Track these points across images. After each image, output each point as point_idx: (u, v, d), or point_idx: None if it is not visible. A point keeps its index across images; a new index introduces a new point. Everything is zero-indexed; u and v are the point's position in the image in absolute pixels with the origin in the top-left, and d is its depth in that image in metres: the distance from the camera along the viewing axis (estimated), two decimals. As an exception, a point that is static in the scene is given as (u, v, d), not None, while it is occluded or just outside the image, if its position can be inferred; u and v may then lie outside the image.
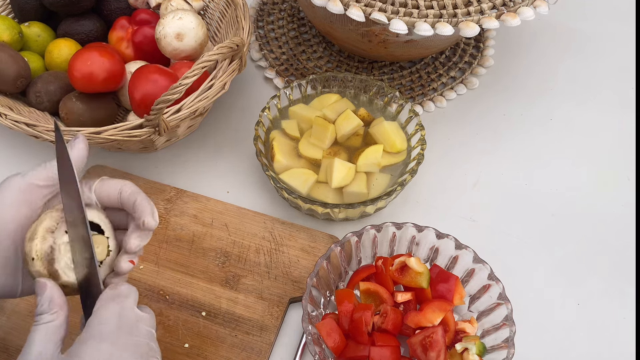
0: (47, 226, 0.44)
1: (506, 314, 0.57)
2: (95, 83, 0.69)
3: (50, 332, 0.41)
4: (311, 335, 0.56)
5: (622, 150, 0.78)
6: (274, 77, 0.85)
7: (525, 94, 0.84)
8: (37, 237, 0.43)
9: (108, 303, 0.43)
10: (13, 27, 0.75)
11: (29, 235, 0.44)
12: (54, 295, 0.42)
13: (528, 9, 0.66)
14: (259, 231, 0.68)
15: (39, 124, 0.63)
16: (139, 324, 0.43)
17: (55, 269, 0.43)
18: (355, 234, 0.61)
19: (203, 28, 0.74)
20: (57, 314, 0.42)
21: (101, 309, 0.43)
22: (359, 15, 0.64)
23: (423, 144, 0.68)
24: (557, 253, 0.69)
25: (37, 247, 0.43)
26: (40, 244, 0.43)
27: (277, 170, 0.69)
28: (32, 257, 0.43)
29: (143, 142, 0.68)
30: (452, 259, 0.62)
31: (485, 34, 0.90)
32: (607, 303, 0.65)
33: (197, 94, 0.65)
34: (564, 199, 0.73)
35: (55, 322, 0.42)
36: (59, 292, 0.43)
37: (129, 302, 0.44)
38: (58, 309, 0.42)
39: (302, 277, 0.64)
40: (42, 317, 0.42)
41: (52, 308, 0.42)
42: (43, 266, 0.43)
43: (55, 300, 0.42)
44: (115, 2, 0.80)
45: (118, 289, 0.44)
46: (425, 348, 0.55)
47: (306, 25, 0.91)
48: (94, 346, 0.41)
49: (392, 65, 0.86)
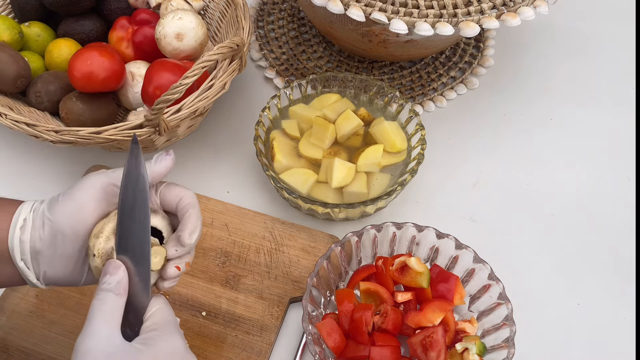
0: (113, 227, 0.45)
1: (506, 314, 0.57)
2: (95, 83, 0.69)
3: (115, 313, 0.42)
4: (311, 335, 0.56)
5: (622, 150, 0.78)
6: (274, 77, 0.85)
7: (525, 94, 0.84)
8: (102, 236, 0.44)
9: (165, 306, 0.45)
10: (13, 27, 0.75)
11: (95, 232, 0.45)
12: (123, 280, 0.43)
13: (528, 8, 0.66)
14: (259, 231, 0.68)
15: (39, 124, 0.63)
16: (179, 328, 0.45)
17: None
18: (356, 233, 0.61)
19: (203, 28, 0.74)
20: (121, 297, 0.42)
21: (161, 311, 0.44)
22: (359, 15, 0.64)
23: (423, 144, 0.68)
24: (557, 253, 0.69)
25: (100, 245, 0.44)
26: (103, 243, 0.44)
27: (277, 170, 0.69)
28: (93, 253, 0.44)
29: (143, 142, 0.68)
30: (452, 259, 0.62)
31: (486, 33, 0.90)
32: (607, 303, 0.65)
33: (197, 94, 0.65)
34: (564, 199, 0.73)
35: (119, 303, 0.42)
36: (127, 278, 0.43)
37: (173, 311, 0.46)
38: (123, 293, 0.43)
39: (302, 277, 0.64)
40: (108, 296, 0.42)
41: (119, 289, 0.42)
42: (102, 264, 0.44)
43: (122, 284, 0.43)
44: (115, 2, 0.80)
45: (164, 298, 0.46)
46: (425, 348, 0.55)
47: (306, 25, 0.91)
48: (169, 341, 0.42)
49: (392, 65, 0.86)
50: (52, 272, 0.45)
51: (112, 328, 0.41)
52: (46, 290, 0.63)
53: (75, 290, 0.63)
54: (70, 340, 0.60)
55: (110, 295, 0.42)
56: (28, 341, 0.60)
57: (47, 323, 0.61)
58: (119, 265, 0.43)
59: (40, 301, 0.62)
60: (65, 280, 0.46)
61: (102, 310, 0.41)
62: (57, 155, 0.77)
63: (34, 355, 0.59)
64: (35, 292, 0.63)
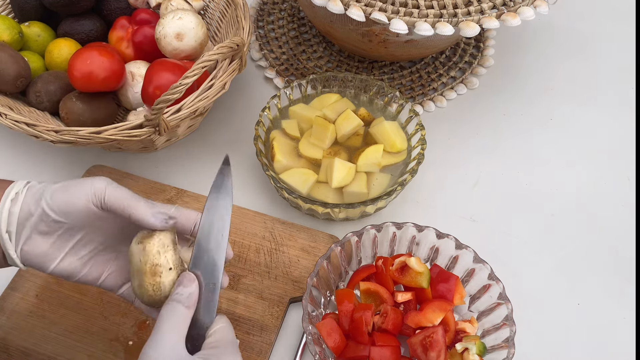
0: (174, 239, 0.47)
1: (506, 314, 0.57)
2: (95, 82, 0.69)
3: (182, 325, 0.43)
4: (311, 335, 0.56)
5: (622, 150, 0.78)
6: (274, 77, 0.85)
7: (525, 94, 0.84)
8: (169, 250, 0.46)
9: (228, 326, 0.46)
10: (13, 27, 0.75)
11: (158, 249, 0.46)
12: (194, 293, 0.44)
13: (528, 8, 0.66)
14: (259, 231, 0.68)
15: (39, 124, 0.63)
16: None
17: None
18: (356, 233, 0.61)
19: (203, 28, 0.74)
20: (190, 310, 0.44)
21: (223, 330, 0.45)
22: (359, 15, 0.64)
23: (423, 144, 0.68)
24: (557, 253, 0.69)
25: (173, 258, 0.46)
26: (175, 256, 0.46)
27: (277, 170, 0.69)
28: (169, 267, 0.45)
29: (143, 142, 0.68)
30: (452, 259, 0.62)
31: (486, 33, 0.90)
32: (607, 303, 0.65)
33: (197, 93, 0.65)
34: (564, 199, 0.73)
35: (187, 316, 0.43)
36: (198, 293, 0.45)
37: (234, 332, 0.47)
38: (192, 305, 0.44)
39: (302, 277, 0.64)
40: (178, 307, 0.43)
41: (189, 302, 0.44)
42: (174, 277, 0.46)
43: (193, 297, 0.44)
44: (115, 2, 0.80)
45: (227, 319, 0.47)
46: (425, 348, 0.55)
47: (306, 25, 0.91)
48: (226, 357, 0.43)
49: (392, 65, 0.86)
50: (27, 248, 0.46)
51: (178, 339, 0.42)
52: (46, 290, 0.63)
53: (75, 291, 0.63)
54: (70, 340, 0.60)
55: (180, 307, 0.43)
56: (28, 341, 0.60)
57: (47, 323, 0.61)
58: (193, 278, 0.45)
59: (40, 301, 0.62)
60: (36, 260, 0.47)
61: (170, 320, 0.43)
62: (57, 155, 0.77)
63: (34, 355, 0.59)
64: (35, 292, 0.63)
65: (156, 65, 0.69)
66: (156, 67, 0.69)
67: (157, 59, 0.71)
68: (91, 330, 0.61)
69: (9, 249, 0.46)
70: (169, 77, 0.67)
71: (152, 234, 0.46)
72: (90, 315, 0.62)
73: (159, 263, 0.45)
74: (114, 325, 0.61)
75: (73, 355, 0.59)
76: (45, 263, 0.47)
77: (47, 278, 0.64)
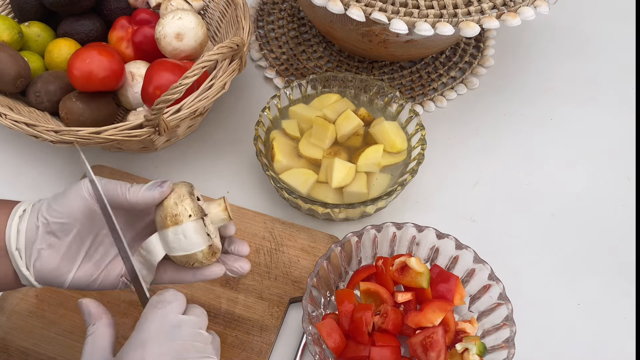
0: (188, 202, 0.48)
1: (506, 314, 0.57)
2: (95, 81, 0.69)
3: (97, 341, 0.45)
4: (311, 336, 0.56)
5: (622, 150, 0.78)
6: (274, 77, 0.85)
7: (526, 94, 0.84)
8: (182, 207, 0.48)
9: (151, 309, 0.45)
10: (13, 27, 0.75)
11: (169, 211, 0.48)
12: (90, 309, 0.46)
13: (528, 8, 0.66)
14: (259, 231, 0.68)
15: (39, 124, 0.63)
16: (181, 327, 0.45)
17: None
18: (356, 234, 0.61)
19: (203, 28, 0.74)
20: (97, 324, 0.46)
21: (144, 316, 0.45)
22: (359, 15, 0.64)
23: (423, 144, 0.68)
24: (557, 253, 0.69)
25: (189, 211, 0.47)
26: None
27: (277, 170, 0.69)
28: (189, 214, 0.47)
29: (143, 142, 0.68)
30: (452, 259, 0.62)
31: (486, 33, 0.90)
32: (607, 303, 0.65)
33: (197, 93, 0.65)
34: (564, 199, 0.73)
35: (98, 330, 0.45)
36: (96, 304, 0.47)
37: (172, 307, 0.45)
38: (96, 319, 0.46)
39: (302, 277, 0.64)
40: (88, 330, 0.46)
41: (90, 321, 0.46)
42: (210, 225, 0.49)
43: (92, 314, 0.46)
44: (115, 2, 0.80)
45: (163, 295, 0.46)
46: (425, 348, 0.55)
47: (306, 25, 0.91)
48: (136, 354, 0.43)
49: (392, 65, 0.86)
50: (39, 264, 0.46)
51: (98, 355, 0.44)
52: (46, 290, 0.63)
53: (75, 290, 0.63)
54: (70, 341, 0.60)
55: (89, 329, 0.46)
56: (28, 341, 0.60)
57: (47, 323, 0.61)
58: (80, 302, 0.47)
59: (40, 301, 0.62)
60: (51, 275, 0.47)
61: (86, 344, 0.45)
62: (57, 155, 0.77)
63: (33, 355, 0.59)
64: (35, 292, 0.63)
65: (156, 65, 0.69)
66: (156, 67, 0.69)
67: (157, 59, 0.71)
68: (91, 330, 0.61)
69: (20, 267, 0.46)
70: (169, 77, 0.67)
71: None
72: (90, 316, 0.62)
73: (177, 213, 0.47)
74: (113, 326, 0.61)
75: (73, 355, 0.59)
76: (60, 277, 0.47)
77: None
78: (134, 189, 0.47)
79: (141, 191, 0.47)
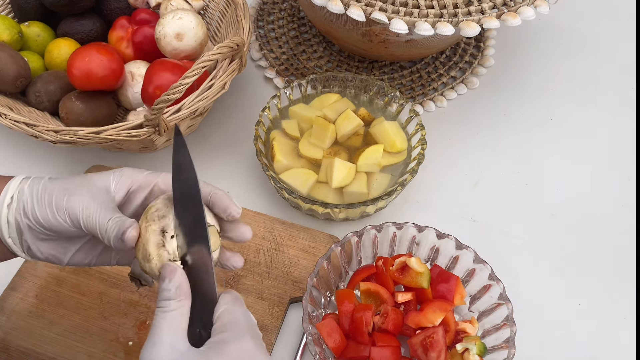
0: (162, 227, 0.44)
1: (507, 314, 0.57)
2: (94, 81, 0.69)
3: (178, 320, 0.40)
4: (311, 336, 0.56)
5: (622, 150, 0.78)
6: (274, 76, 0.85)
7: (526, 94, 0.84)
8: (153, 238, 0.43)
9: (232, 306, 0.42)
10: (13, 27, 0.75)
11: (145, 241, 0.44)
12: (182, 283, 0.41)
13: (529, 8, 0.66)
14: (259, 231, 0.68)
15: (38, 124, 0.63)
16: (256, 325, 0.43)
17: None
18: (356, 234, 0.61)
19: (203, 28, 0.74)
20: (183, 302, 0.41)
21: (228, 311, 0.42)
22: (359, 15, 0.64)
23: (423, 144, 0.68)
24: (558, 253, 0.69)
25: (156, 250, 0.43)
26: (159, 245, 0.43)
27: (277, 170, 0.69)
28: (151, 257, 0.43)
29: (143, 142, 0.68)
30: (452, 259, 0.62)
31: (486, 33, 0.90)
32: (607, 303, 0.65)
33: (197, 93, 0.65)
34: (564, 199, 0.73)
35: (182, 309, 0.41)
36: (187, 280, 0.42)
37: (242, 301, 0.43)
38: (184, 297, 0.41)
39: (302, 277, 0.64)
40: (169, 304, 0.41)
41: (179, 295, 0.41)
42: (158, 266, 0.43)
43: (182, 288, 0.41)
44: (115, 1, 0.80)
45: (234, 293, 0.44)
46: (425, 348, 0.55)
47: (306, 25, 0.91)
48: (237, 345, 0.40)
49: (393, 65, 0.86)
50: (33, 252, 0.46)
51: (176, 335, 0.40)
52: (46, 290, 0.63)
53: (75, 291, 0.63)
54: (70, 340, 0.60)
55: (171, 303, 0.41)
56: (27, 341, 0.60)
57: (46, 323, 0.61)
58: (174, 268, 0.42)
59: (40, 301, 0.62)
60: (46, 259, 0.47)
61: (163, 319, 0.40)
62: (57, 155, 0.77)
63: (33, 355, 0.59)
64: (35, 292, 0.63)
65: (156, 65, 0.69)
66: (156, 67, 0.69)
67: (157, 59, 0.71)
68: (91, 330, 0.61)
69: (17, 252, 0.46)
70: (169, 77, 0.67)
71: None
72: (90, 316, 0.62)
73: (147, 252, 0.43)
74: (113, 326, 0.61)
75: (73, 355, 0.59)
76: (56, 260, 0.47)
77: (47, 278, 0.64)
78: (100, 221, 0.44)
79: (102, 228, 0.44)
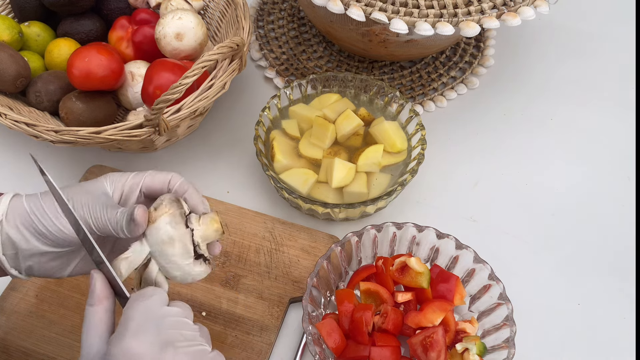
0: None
1: (507, 314, 0.57)
2: (94, 80, 0.69)
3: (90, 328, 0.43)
4: (311, 336, 0.56)
5: (622, 150, 0.78)
6: (274, 76, 0.85)
7: (526, 94, 0.84)
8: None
9: (133, 303, 0.44)
10: (13, 27, 0.75)
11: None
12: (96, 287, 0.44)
13: (529, 8, 0.66)
14: (259, 231, 0.68)
15: (38, 124, 0.63)
16: (166, 318, 0.43)
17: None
18: (356, 234, 0.61)
19: (203, 28, 0.74)
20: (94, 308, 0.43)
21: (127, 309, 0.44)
22: (359, 15, 0.64)
23: (423, 144, 0.68)
24: (558, 253, 0.69)
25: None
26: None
27: (277, 170, 0.69)
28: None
29: (143, 142, 0.68)
30: (452, 259, 0.62)
31: (486, 33, 0.90)
32: (607, 303, 0.65)
33: (197, 93, 0.65)
34: (564, 199, 0.73)
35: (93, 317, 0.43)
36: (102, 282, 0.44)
37: (153, 300, 0.44)
38: (96, 302, 0.43)
39: (302, 277, 0.64)
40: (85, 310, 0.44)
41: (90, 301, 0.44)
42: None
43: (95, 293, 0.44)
44: (115, 1, 0.80)
45: (142, 291, 0.45)
46: (425, 348, 0.55)
47: (306, 25, 0.91)
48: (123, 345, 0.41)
49: (393, 65, 0.86)
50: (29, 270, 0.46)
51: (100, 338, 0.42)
52: (46, 290, 0.63)
53: (75, 290, 0.63)
54: (70, 340, 0.60)
55: (88, 309, 0.43)
56: (28, 341, 0.60)
57: (47, 323, 0.61)
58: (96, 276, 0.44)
59: (40, 301, 0.62)
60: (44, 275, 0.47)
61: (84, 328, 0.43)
62: (57, 155, 0.77)
63: (33, 355, 0.59)
64: (35, 292, 0.63)
65: (156, 65, 0.69)
66: (156, 67, 0.69)
67: (157, 59, 0.71)
68: (91, 330, 0.61)
69: (10, 270, 0.46)
70: (169, 77, 0.67)
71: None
72: (90, 316, 0.62)
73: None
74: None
75: (73, 355, 0.59)
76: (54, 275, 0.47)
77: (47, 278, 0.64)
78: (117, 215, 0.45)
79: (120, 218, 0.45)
